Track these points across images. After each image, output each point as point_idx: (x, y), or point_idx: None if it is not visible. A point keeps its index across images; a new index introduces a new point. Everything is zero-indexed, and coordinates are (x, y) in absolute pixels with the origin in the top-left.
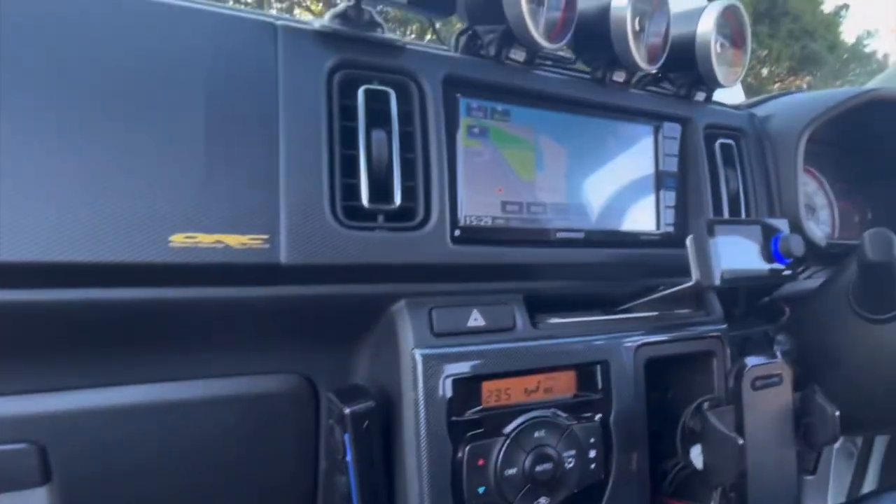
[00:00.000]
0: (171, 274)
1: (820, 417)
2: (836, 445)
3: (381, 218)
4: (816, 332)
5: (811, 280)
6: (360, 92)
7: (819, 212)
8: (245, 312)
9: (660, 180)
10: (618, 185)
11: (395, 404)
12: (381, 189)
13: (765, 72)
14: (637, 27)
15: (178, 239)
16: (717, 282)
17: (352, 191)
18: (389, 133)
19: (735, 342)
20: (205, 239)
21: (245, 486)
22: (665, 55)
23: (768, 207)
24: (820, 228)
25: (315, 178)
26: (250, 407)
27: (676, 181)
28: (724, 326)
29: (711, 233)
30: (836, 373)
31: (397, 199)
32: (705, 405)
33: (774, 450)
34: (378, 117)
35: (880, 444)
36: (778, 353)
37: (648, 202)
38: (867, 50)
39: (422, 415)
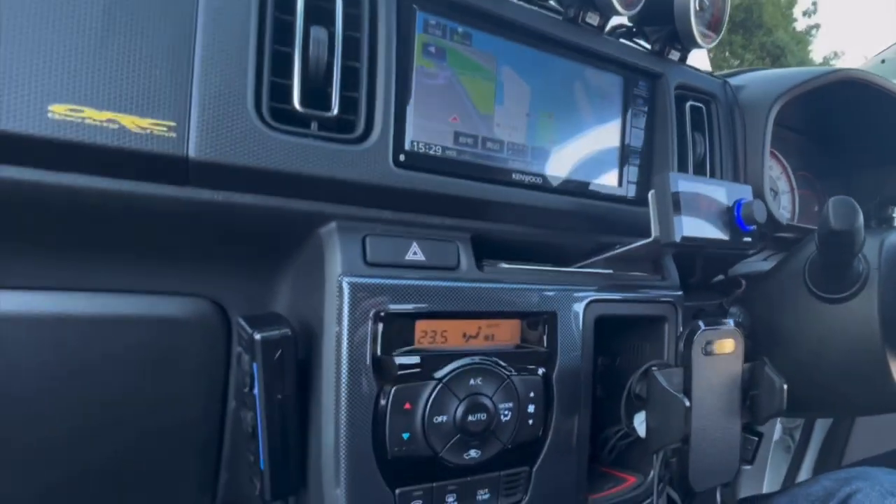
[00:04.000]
0: (52, 152)
1: (768, 389)
2: (775, 437)
3: (314, 125)
4: (769, 308)
5: (767, 262)
6: None
7: (781, 196)
8: (144, 216)
9: (626, 135)
10: (582, 133)
11: (316, 337)
12: (317, 95)
13: None
14: None
15: (58, 110)
16: (678, 238)
17: (283, 92)
18: (332, 35)
19: (689, 312)
20: (94, 115)
21: (140, 418)
22: (642, 3)
23: (734, 177)
24: (780, 213)
25: (238, 68)
26: (147, 331)
27: (643, 138)
28: (680, 293)
29: (675, 188)
30: (785, 351)
31: (335, 108)
32: (654, 368)
33: (720, 418)
34: (320, 16)
35: (817, 437)
36: (731, 323)
37: (612, 157)
38: None
39: (344, 349)
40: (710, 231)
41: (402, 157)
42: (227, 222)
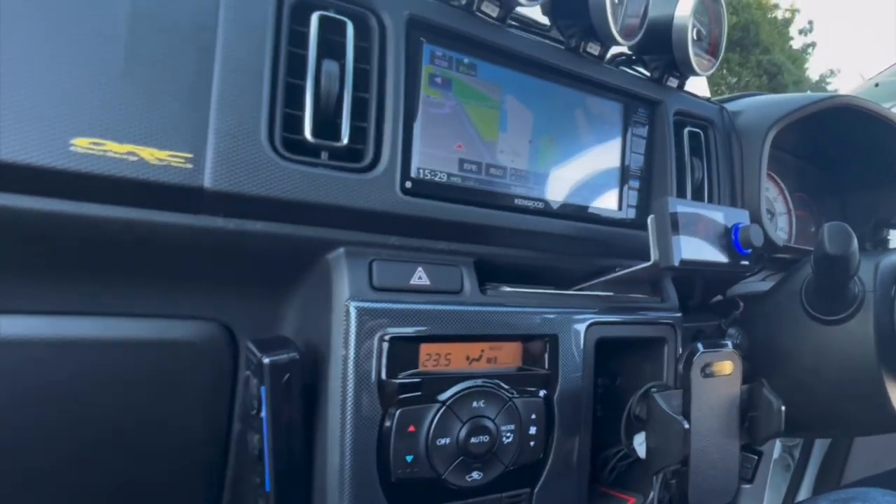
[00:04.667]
0: (74, 184)
1: (766, 411)
2: (774, 456)
3: (324, 155)
4: (767, 329)
5: (765, 282)
6: (314, 18)
7: (778, 218)
8: (160, 243)
9: (626, 160)
10: (583, 159)
11: (323, 360)
12: (328, 126)
13: None
14: None
15: (81, 143)
16: (676, 262)
17: (295, 123)
18: (343, 67)
19: (688, 333)
20: (115, 148)
21: (146, 440)
22: (642, 33)
23: (731, 201)
24: (777, 234)
25: (253, 101)
26: (156, 354)
27: (642, 163)
28: (679, 315)
29: (673, 213)
30: (783, 372)
31: (345, 138)
32: (653, 390)
33: (719, 440)
34: (332, 49)
35: (816, 455)
36: (729, 345)
37: (613, 181)
38: (829, 88)
39: (350, 372)
40: (708, 254)
41: (408, 185)
42: (238, 249)
